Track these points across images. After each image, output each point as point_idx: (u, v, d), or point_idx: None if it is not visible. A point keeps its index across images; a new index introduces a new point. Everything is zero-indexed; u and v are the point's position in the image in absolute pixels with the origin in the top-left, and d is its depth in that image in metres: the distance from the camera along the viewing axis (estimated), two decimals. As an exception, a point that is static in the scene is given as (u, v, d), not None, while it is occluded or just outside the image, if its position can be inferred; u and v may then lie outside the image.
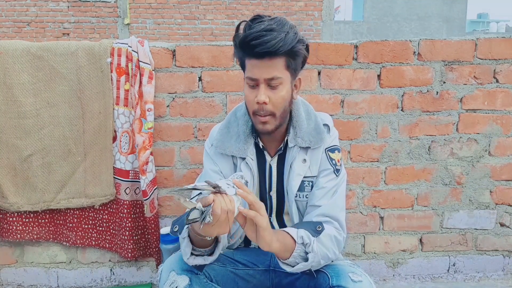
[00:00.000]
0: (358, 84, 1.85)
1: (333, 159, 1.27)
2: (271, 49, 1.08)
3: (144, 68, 1.75)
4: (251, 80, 1.15)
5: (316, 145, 1.24)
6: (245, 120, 1.28)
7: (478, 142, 1.92)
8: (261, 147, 1.28)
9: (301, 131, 1.24)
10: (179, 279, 1.14)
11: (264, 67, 1.12)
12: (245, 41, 1.10)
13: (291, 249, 1.12)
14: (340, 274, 1.15)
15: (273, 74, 1.13)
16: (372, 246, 1.99)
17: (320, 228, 1.17)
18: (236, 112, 1.33)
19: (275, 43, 1.08)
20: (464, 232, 2.00)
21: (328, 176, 1.25)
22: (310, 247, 1.13)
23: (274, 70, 1.13)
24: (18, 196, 1.81)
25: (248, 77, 1.16)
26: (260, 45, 1.08)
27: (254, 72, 1.13)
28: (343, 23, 17.89)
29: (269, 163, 1.29)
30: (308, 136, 1.24)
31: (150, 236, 1.88)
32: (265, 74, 1.12)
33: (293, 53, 1.13)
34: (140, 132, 1.75)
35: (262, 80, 1.13)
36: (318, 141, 1.24)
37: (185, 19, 7.91)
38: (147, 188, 1.78)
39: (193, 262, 1.12)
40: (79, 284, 1.98)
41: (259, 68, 1.12)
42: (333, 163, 1.26)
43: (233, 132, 1.28)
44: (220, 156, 1.29)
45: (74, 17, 7.85)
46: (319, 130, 1.26)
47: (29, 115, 1.76)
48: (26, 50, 1.74)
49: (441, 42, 1.84)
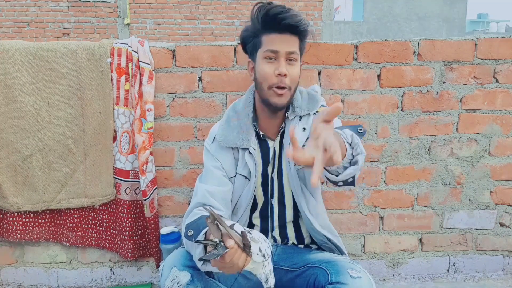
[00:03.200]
0: (358, 84, 1.85)
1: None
2: (296, 23, 1.19)
3: (144, 68, 1.75)
4: (272, 52, 1.21)
5: (314, 109, 1.32)
6: (245, 113, 1.33)
7: (478, 142, 1.92)
8: (261, 136, 1.33)
9: (297, 102, 1.32)
10: (180, 275, 1.14)
11: (285, 41, 1.21)
12: (272, 14, 1.19)
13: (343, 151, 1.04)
14: (339, 271, 1.15)
15: (293, 48, 1.23)
16: (372, 246, 1.99)
17: (362, 130, 1.15)
18: (234, 107, 1.38)
19: (299, 19, 1.20)
20: (464, 232, 2.00)
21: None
22: (358, 148, 1.06)
23: (293, 46, 1.23)
24: (18, 196, 1.81)
25: (269, 49, 1.22)
26: (287, 18, 1.18)
27: (276, 45, 1.21)
28: (343, 23, 17.88)
29: (272, 147, 1.34)
30: (305, 105, 1.32)
31: (150, 236, 1.89)
32: (286, 47, 1.21)
33: (305, 36, 1.26)
34: (140, 132, 1.75)
35: (283, 52, 1.21)
36: (315, 105, 1.33)
37: (185, 19, 7.92)
38: (147, 188, 1.78)
39: (206, 269, 1.12)
40: (79, 284, 1.98)
41: (280, 42, 1.21)
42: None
43: (235, 125, 1.32)
44: (220, 151, 1.33)
45: (74, 17, 7.85)
46: (312, 97, 1.35)
47: (29, 115, 1.76)
48: (26, 50, 1.74)
49: (441, 42, 1.84)
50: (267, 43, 1.22)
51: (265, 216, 1.38)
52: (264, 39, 1.23)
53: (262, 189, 1.36)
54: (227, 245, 0.92)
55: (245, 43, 1.32)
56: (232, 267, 0.96)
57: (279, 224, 1.38)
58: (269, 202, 1.36)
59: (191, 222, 1.17)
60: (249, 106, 1.34)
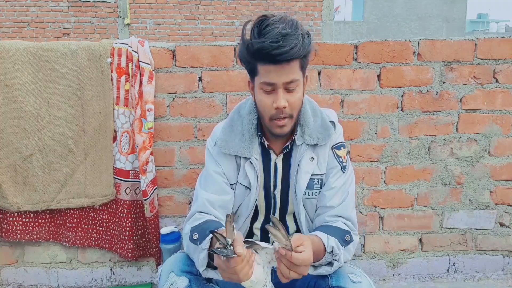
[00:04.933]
0: (358, 84, 1.85)
1: (340, 156, 1.27)
2: (292, 56, 1.06)
3: (144, 68, 1.75)
4: (268, 85, 1.12)
5: (324, 141, 1.24)
6: (249, 119, 1.26)
7: (478, 142, 1.92)
8: (266, 146, 1.27)
9: (308, 128, 1.23)
10: (178, 280, 1.14)
11: (282, 72, 1.09)
12: (262, 50, 1.06)
13: (320, 256, 1.12)
14: (339, 275, 1.15)
15: (291, 77, 1.11)
16: (372, 246, 1.99)
17: (349, 239, 1.17)
18: (239, 110, 1.31)
19: (296, 50, 1.06)
20: (464, 232, 2.00)
21: (336, 175, 1.25)
22: (337, 257, 1.12)
23: (292, 74, 1.11)
24: (18, 196, 1.81)
25: (264, 82, 1.12)
26: (280, 54, 1.05)
27: (271, 77, 1.10)
28: (343, 23, 17.89)
29: (274, 161, 1.28)
30: (316, 133, 1.23)
31: (150, 236, 1.89)
32: (283, 78, 1.10)
33: (308, 54, 1.13)
34: (140, 132, 1.75)
35: (280, 84, 1.11)
36: (326, 137, 1.24)
37: (185, 19, 7.92)
38: (147, 188, 1.78)
39: (207, 275, 1.11)
40: (79, 284, 1.98)
41: (276, 73, 1.09)
42: (340, 160, 1.27)
43: (237, 131, 1.26)
44: (223, 156, 1.27)
45: (74, 17, 7.86)
46: (326, 127, 1.25)
47: (29, 115, 1.76)
48: (26, 50, 1.74)
49: (441, 42, 1.84)
50: (263, 74, 1.11)
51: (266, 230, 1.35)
52: (260, 68, 1.12)
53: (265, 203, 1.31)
54: (236, 251, 0.92)
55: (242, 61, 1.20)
56: (232, 275, 0.96)
57: None
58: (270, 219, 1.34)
59: (196, 225, 1.15)
60: (253, 112, 1.27)
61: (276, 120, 1.15)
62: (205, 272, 1.10)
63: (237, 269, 0.94)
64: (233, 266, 0.93)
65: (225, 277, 0.99)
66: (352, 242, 1.18)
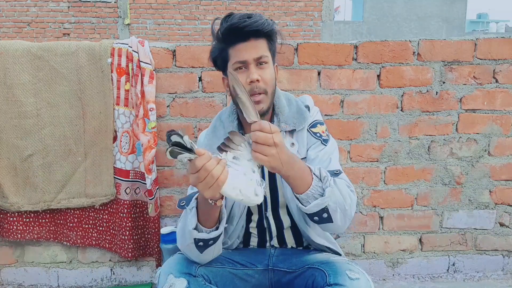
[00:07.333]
0: (357, 84, 1.85)
1: (316, 132, 1.29)
2: (258, 27, 1.17)
3: (145, 68, 1.75)
4: (241, 63, 1.20)
5: (301, 125, 1.27)
6: (230, 121, 1.31)
7: (477, 142, 1.92)
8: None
9: (283, 116, 1.28)
10: (177, 282, 1.14)
11: (251, 48, 1.19)
12: (232, 26, 1.17)
13: (308, 180, 1.08)
14: (337, 272, 1.15)
15: (260, 53, 1.20)
16: (372, 246, 1.99)
17: (338, 171, 1.16)
18: (220, 116, 1.36)
19: (260, 23, 1.18)
20: (463, 232, 2.00)
21: (316, 148, 1.26)
22: (327, 182, 1.09)
23: (260, 50, 1.20)
24: (18, 196, 1.81)
25: (236, 61, 1.20)
26: (247, 25, 1.16)
27: (242, 55, 1.19)
28: (342, 23, 17.90)
29: None
30: (292, 119, 1.28)
31: (150, 236, 1.89)
32: (253, 53, 1.19)
33: (273, 35, 1.23)
34: (144, 132, 1.76)
35: (251, 60, 1.19)
36: (302, 121, 1.28)
37: (185, 19, 7.93)
38: (152, 187, 1.79)
39: (197, 235, 1.12)
40: (79, 284, 1.98)
41: (247, 50, 1.19)
42: (318, 135, 1.28)
43: (220, 135, 1.30)
44: None
45: (75, 18, 7.86)
46: (301, 112, 1.30)
47: (30, 115, 1.77)
48: (26, 50, 1.74)
49: (441, 42, 1.84)
50: (234, 55, 1.21)
51: (262, 228, 1.36)
52: (231, 52, 1.21)
53: None
54: (195, 150, 0.92)
55: (215, 61, 1.30)
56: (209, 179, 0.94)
57: (277, 234, 1.37)
58: (264, 216, 1.34)
59: (184, 197, 1.19)
60: (233, 114, 1.32)
61: (252, 96, 1.19)
62: (194, 233, 1.10)
63: (207, 167, 0.93)
64: (201, 166, 0.92)
65: (204, 189, 0.96)
66: (340, 174, 1.15)
